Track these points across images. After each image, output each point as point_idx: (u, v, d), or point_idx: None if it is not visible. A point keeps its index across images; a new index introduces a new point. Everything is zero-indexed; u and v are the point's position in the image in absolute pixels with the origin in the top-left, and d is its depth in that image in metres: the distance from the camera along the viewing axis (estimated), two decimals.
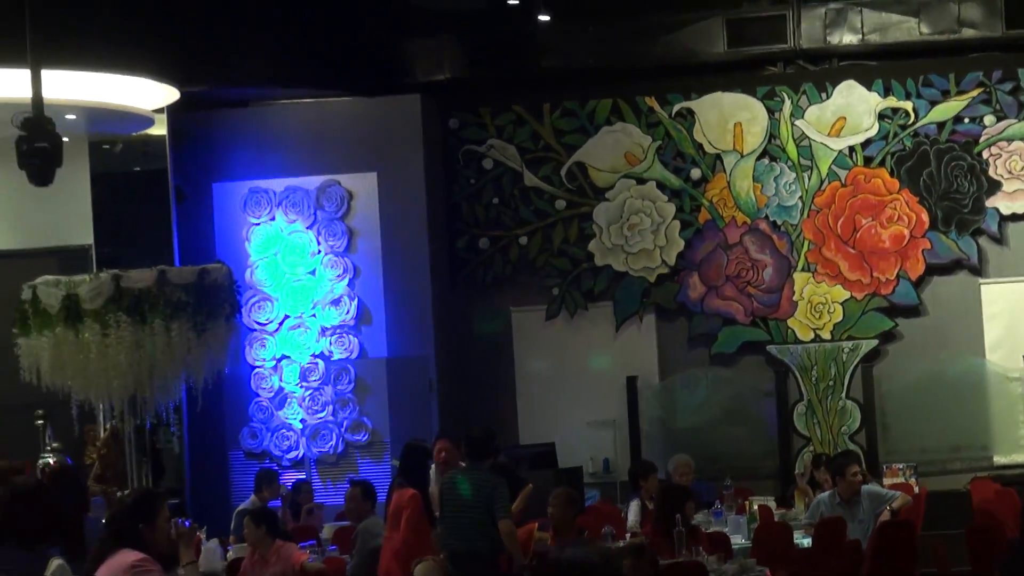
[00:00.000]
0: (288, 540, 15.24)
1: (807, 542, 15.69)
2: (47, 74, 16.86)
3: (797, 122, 22.14)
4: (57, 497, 11.66)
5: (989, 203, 21.81)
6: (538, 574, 9.12)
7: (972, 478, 19.69)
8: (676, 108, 22.40)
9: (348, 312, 21.93)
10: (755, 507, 17.78)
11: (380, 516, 15.71)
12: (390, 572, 13.65)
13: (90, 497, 15.41)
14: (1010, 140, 21.76)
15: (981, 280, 21.97)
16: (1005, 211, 21.80)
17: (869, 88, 22.06)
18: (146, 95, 19.88)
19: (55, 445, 19.17)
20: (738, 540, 15.72)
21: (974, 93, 21.78)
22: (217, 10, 19.91)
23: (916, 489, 18.63)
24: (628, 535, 15.13)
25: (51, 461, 18.85)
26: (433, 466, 15.96)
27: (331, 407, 21.84)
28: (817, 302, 22.22)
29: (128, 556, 8.95)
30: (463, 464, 14.98)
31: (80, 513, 13.93)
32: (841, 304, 22.19)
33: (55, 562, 8.60)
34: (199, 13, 19.80)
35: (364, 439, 21.58)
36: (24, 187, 16.83)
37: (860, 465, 18.21)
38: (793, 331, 22.29)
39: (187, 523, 10.14)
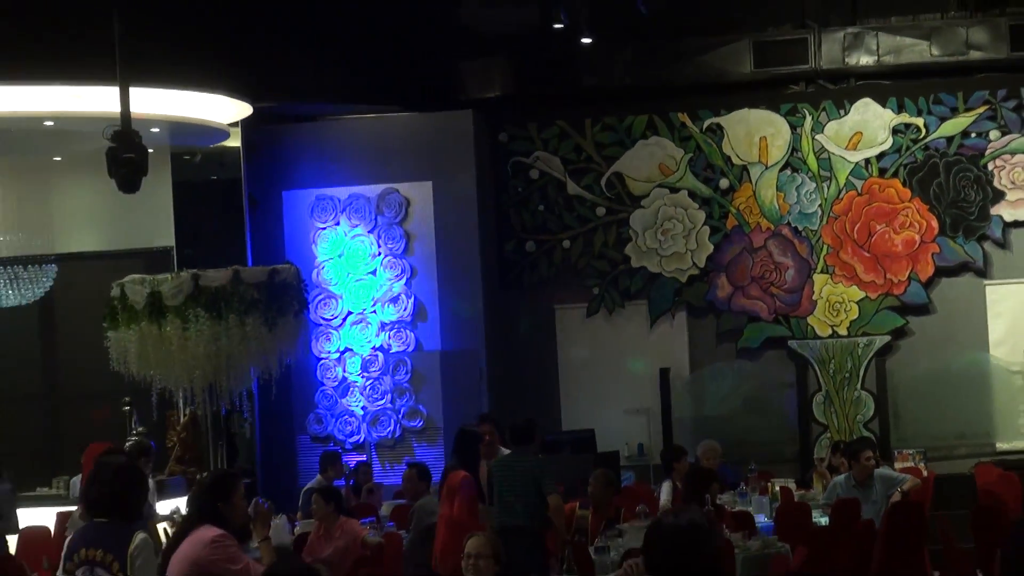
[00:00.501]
0: (351, 517, 14.95)
1: (824, 520, 15.43)
2: (134, 91, 16.91)
3: (817, 136, 21.90)
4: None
5: (994, 211, 21.60)
6: (656, 537, 8.27)
7: (976, 463, 19.27)
8: (706, 123, 22.17)
9: (405, 309, 21.74)
10: (777, 488, 17.69)
11: (435, 496, 15.19)
12: (445, 547, 13.23)
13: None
14: (1013, 153, 21.53)
15: (986, 282, 21.65)
16: (1008, 218, 21.54)
17: (884, 105, 21.72)
18: (222, 110, 20.04)
19: (140, 429, 19.14)
20: (761, 519, 15.50)
21: (980, 110, 21.49)
22: (286, 32, 20.08)
23: (924, 473, 18.31)
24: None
25: (134, 438, 18.85)
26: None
27: (389, 395, 21.73)
28: (835, 301, 21.95)
29: (208, 532, 9.21)
30: (504, 449, 14.72)
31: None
32: (857, 303, 21.88)
33: (139, 536, 8.25)
34: (270, 36, 19.99)
35: (419, 425, 21.51)
36: (113, 194, 17.14)
37: (873, 451, 17.71)
38: (812, 327, 22.02)
39: (266, 504, 10.18)
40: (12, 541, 16.29)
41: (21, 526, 17.22)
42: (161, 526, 14.90)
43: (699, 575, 7.41)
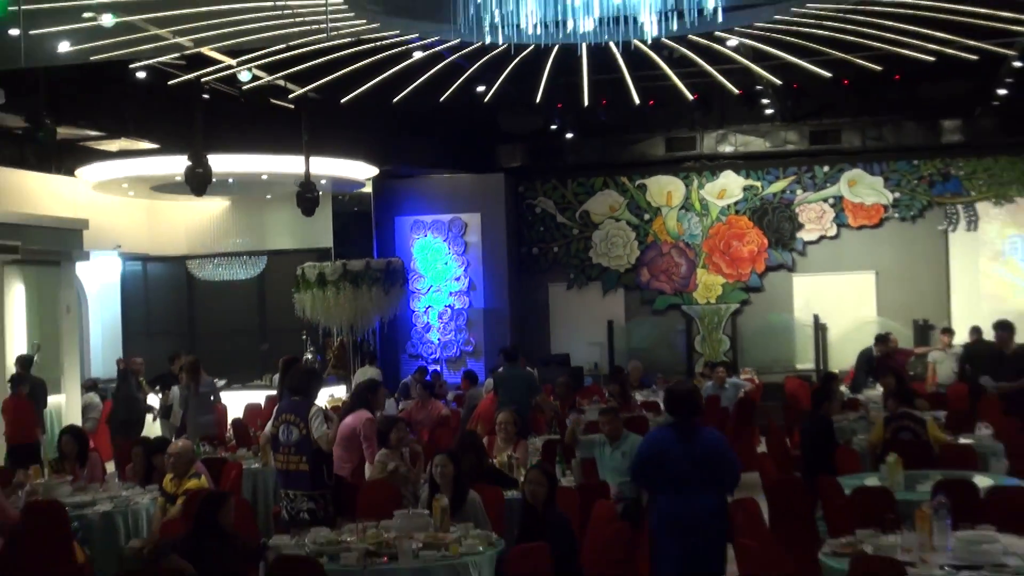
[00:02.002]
0: (434, 398, 15.20)
1: None
2: (313, 159, 18.04)
3: (700, 191, 22.71)
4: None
5: (798, 235, 22.35)
6: (674, 393, 8.27)
7: (785, 376, 19.60)
8: (637, 183, 22.98)
9: (463, 284, 22.50)
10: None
11: (480, 389, 16.21)
12: (483, 416, 13.78)
13: None
14: (809, 203, 22.33)
15: (793, 275, 22.49)
16: (806, 239, 22.38)
17: (737, 174, 22.58)
18: (361, 171, 20.39)
19: (312, 349, 20.18)
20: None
21: (791, 179, 22.45)
22: (399, 126, 20.05)
23: (756, 381, 19.03)
24: (607, 403, 13.76)
25: (308, 357, 19.47)
26: None
27: (453, 332, 22.57)
28: (708, 284, 22.77)
29: (364, 414, 10.17)
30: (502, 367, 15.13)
31: None
32: (721, 285, 22.73)
33: (315, 407, 8.87)
34: (390, 127, 19.95)
35: (470, 349, 22.33)
36: (299, 216, 18.67)
37: (726, 368, 18.56)
38: (695, 298, 22.81)
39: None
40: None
41: (243, 404, 16.95)
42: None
43: (693, 408, 7.86)
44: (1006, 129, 20.85)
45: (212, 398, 14.97)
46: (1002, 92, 18.36)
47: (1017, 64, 16.22)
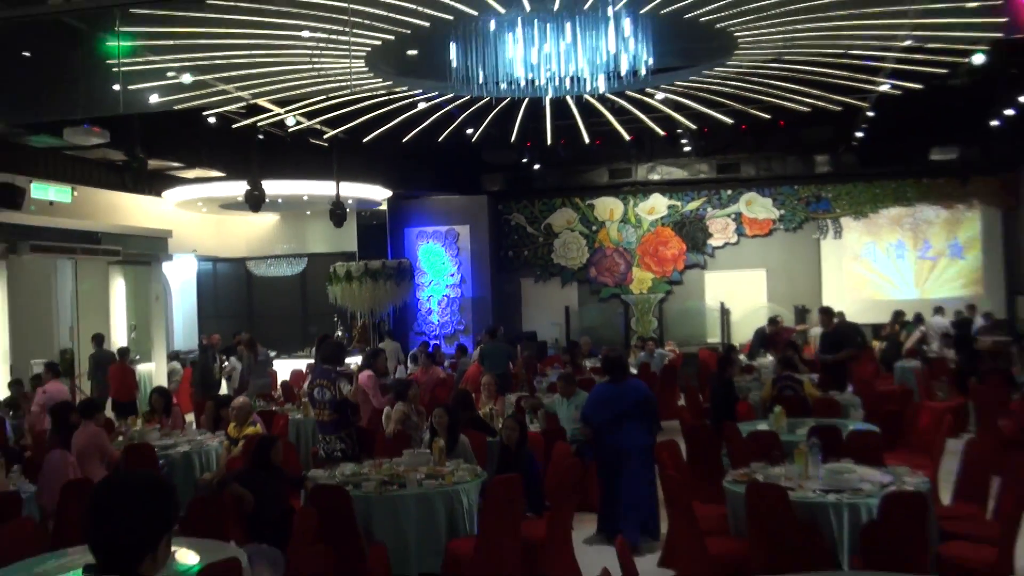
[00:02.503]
0: (435, 364, 14.92)
1: (635, 371, 14.50)
2: (343, 185, 17.97)
3: (635, 209, 22.52)
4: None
5: (709, 242, 22.20)
6: (608, 357, 8.88)
7: (699, 348, 19.48)
8: (587, 202, 22.78)
9: (456, 279, 22.21)
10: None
11: (469, 358, 15.77)
12: (471, 379, 13.16)
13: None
14: (716, 218, 22.16)
15: (705, 272, 22.34)
16: (714, 244, 22.23)
17: (663, 196, 22.40)
18: (379, 193, 20.26)
19: (341, 328, 20.34)
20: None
21: (703, 199, 22.27)
22: (407, 159, 19.65)
23: (677, 352, 18.80)
24: (564, 369, 14.19)
25: (339, 334, 19.95)
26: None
27: (449, 315, 22.25)
28: (641, 278, 22.54)
29: (368, 372, 10.74)
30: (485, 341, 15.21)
31: None
32: (651, 280, 22.52)
33: (342, 381, 8.83)
34: (400, 161, 19.67)
35: (462, 328, 21.97)
36: (331, 227, 18.35)
37: (654, 342, 19.30)
38: (632, 290, 22.61)
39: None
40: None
41: (290, 369, 17.00)
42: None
43: (621, 367, 8.59)
44: (862, 163, 20.92)
45: (268, 366, 15.34)
46: (859, 135, 18.47)
47: (870, 114, 16.30)
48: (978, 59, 12.18)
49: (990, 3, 9.73)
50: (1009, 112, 15.09)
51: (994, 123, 15.36)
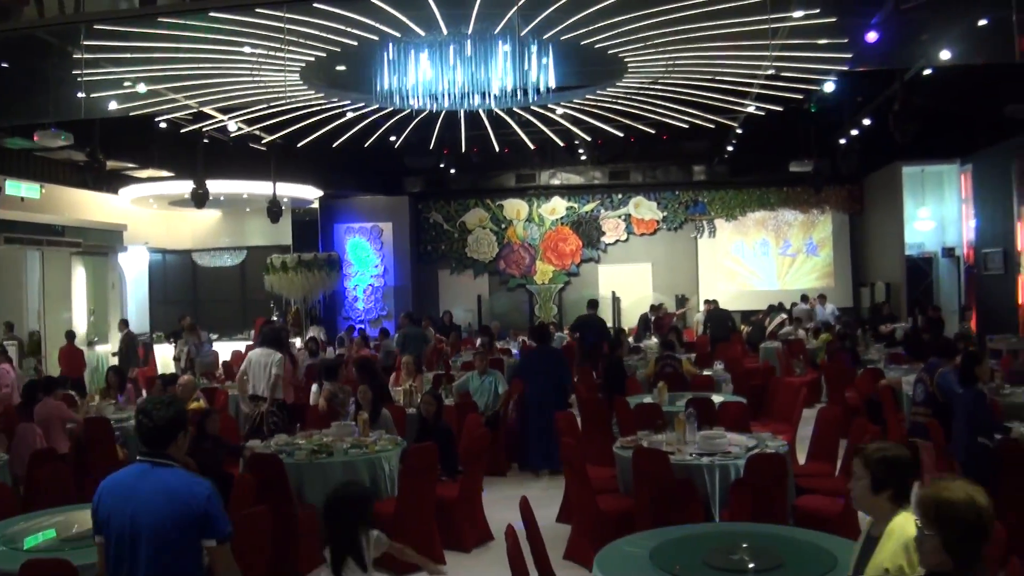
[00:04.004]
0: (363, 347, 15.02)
1: None
2: (279, 185, 17.77)
3: (538, 209, 22.42)
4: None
5: (602, 239, 22.20)
6: (533, 330, 10.78)
7: None
8: (497, 203, 22.61)
9: (380, 270, 21.95)
10: (521, 338, 17.41)
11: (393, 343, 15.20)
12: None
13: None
14: (609, 218, 22.13)
15: (599, 265, 22.29)
16: (607, 241, 22.20)
17: (562, 198, 22.32)
18: (311, 192, 20.14)
19: (277, 314, 19.81)
20: (515, 352, 15.27)
21: (597, 202, 22.19)
22: (336, 163, 18.98)
23: (571, 338, 17.05)
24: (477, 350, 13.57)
25: (274, 318, 19.24)
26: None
27: (373, 302, 22.00)
28: (544, 271, 22.45)
29: (275, 354, 9.13)
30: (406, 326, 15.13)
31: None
32: (552, 272, 22.41)
33: (277, 355, 8.76)
34: (331, 164, 19.14)
35: (385, 314, 21.62)
36: (268, 223, 18.29)
37: (556, 327, 18.60)
38: (535, 280, 22.46)
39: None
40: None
41: (230, 351, 16.20)
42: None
43: (544, 335, 9.62)
44: (733, 172, 21.10)
45: (210, 347, 15.11)
46: (730, 149, 18.65)
47: (739, 131, 16.51)
48: (828, 87, 12.56)
49: (837, 41, 10.01)
50: (854, 132, 15.53)
51: (842, 141, 15.84)
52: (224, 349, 16.63)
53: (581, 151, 20.08)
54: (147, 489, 3.33)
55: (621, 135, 16.26)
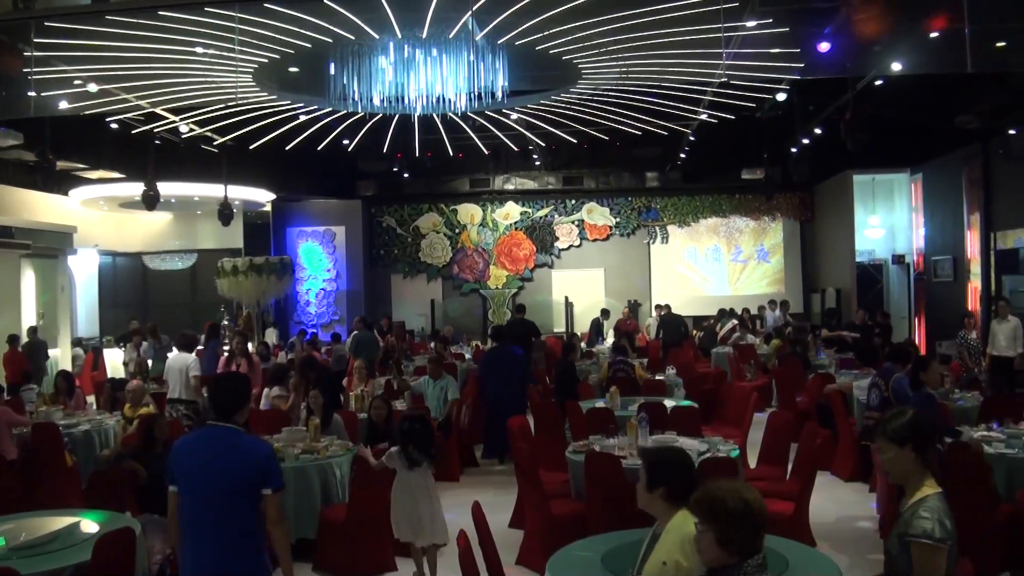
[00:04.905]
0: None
1: None
2: (231, 188, 17.64)
3: (492, 214, 22.51)
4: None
5: (556, 244, 22.39)
6: (494, 331, 11.46)
7: (546, 336, 16.77)
8: (451, 208, 22.62)
9: (333, 274, 22.05)
10: (474, 343, 18.21)
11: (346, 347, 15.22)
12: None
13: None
14: (562, 223, 22.30)
15: (552, 270, 22.34)
16: (560, 247, 22.34)
17: (516, 204, 22.45)
18: (263, 195, 20.13)
19: (228, 318, 19.53)
20: (467, 354, 15.78)
21: (551, 207, 22.40)
22: (289, 166, 19.26)
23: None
24: (430, 354, 14.15)
25: (225, 322, 18.92)
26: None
27: (326, 307, 22.05)
28: (497, 275, 22.50)
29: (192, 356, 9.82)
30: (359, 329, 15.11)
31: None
32: (506, 276, 22.47)
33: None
34: (285, 167, 19.30)
35: (337, 318, 21.73)
36: (219, 226, 17.98)
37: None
38: (489, 285, 22.51)
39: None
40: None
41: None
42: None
43: (500, 335, 10.13)
44: (686, 179, 21.28)
45: (167, 351, 14.68)
46: (683, 156, 18.74)
47: (692, 138, 16.65)
48: (780, 96, 12.70)
49: (790, 50, 10.11)
50: (806, 140, 15.71)
51: (794, 149, 15.96)
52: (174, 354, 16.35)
53: (535, 156, 20.15)
54: (219, 447, 4.00)
55: (575, 141, 16.32)
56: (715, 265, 22.27)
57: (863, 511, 8.04)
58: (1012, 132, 13.54)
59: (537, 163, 20.93)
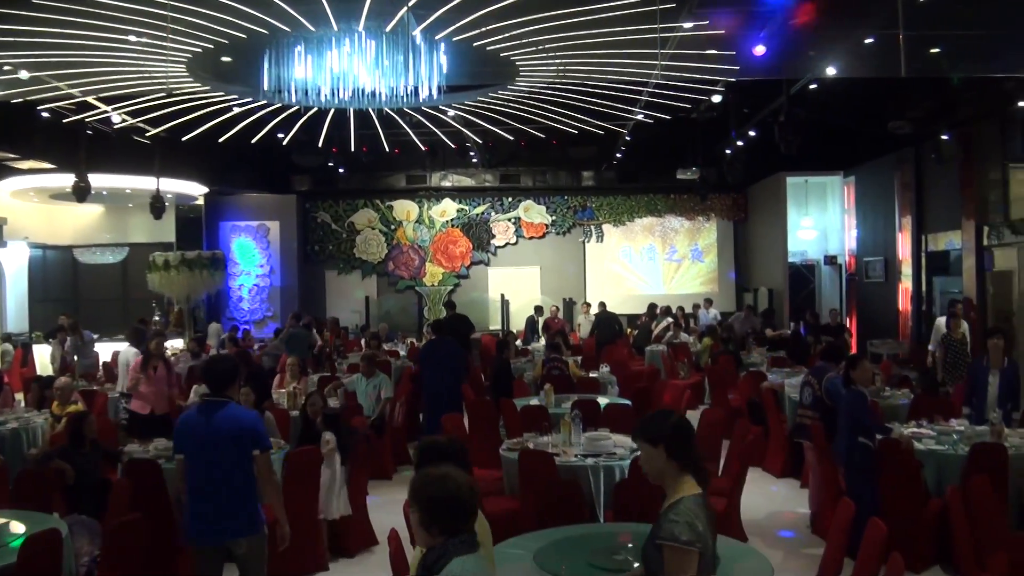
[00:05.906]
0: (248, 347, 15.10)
1: None
2: (163, 181, 17.62)
3: (429, 212, 22.35)
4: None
5: (492, 242, 22.25)
6: (434, 324, 11.65)
7: (482, 334, 18.53)
8: (387, 204, 22.40)
9: (266, 269, 21.80)
10: (410, 340, 18.10)
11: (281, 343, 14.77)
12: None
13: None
14: (499, 221, 22.24)
15: (489, 268, 22.30)
16: (497, 244, 22.32)
17: (453, 201, 22.30)
18: (196, 189, 19.90)
19: (159, 314, 19.53)
20: (402, 351, 15.74)
21: (488, 204, 22.32)
22: (224, 159, 19.03)
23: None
24: (364, 351, 14.05)
25: (156, 318, 19.13)
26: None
27: (259, 303, 21.84)
28: (433, 273, 22.37)
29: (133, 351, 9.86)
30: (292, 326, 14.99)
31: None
32: (442, 274, 22.37)
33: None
34: (219, 160, 19.04)
35: (271, 315, 21.59)
36: (151, 220, 18.05)
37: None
38: (425, 282, 22.37)
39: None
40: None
41: (111, 351, 15.32)
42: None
43: (441, 328, 9.90)
44: (621, 179, 21.46)
45: (92, 347, 15.00)
46: (619, 156, 18.83)
47: (628, 138, 16.78)
48: (716, 98, 12.87)
49: (725, 53, 10.26)
50: (740, 143, 15.95)
51: (728, 151, 16.22)
52: (105, 349, 16.15)
53: (472, 154, 20.10)
54: (216, 417, 4.78)
55: (512, 139, 16.39)
56: (650, 264, 22.37)
57: (795, 507, 8.16)
58: (944, 137, 13.86)
59: (474, 160, 20.82)
